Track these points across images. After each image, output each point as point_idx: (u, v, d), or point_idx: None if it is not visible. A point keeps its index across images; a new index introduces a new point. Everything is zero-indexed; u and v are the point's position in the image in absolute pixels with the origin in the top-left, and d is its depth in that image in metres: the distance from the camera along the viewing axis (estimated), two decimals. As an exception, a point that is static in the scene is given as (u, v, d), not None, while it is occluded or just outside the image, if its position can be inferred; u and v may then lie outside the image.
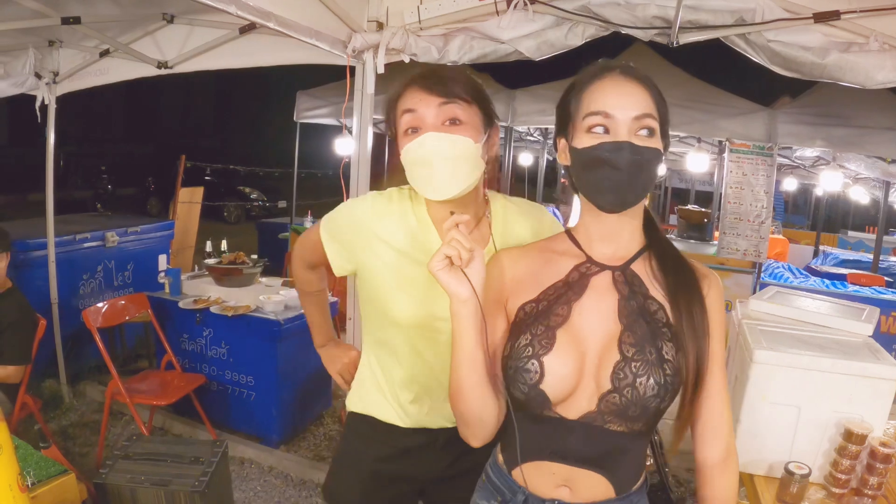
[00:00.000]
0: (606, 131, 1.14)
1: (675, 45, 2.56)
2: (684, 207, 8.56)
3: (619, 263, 1.23)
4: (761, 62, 2.47)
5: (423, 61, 2.86)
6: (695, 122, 5.35)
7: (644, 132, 1.14)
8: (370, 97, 3.01)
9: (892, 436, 1.91)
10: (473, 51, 2.78)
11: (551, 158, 13.23)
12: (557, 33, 2.69)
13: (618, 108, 1.13)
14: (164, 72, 3.61)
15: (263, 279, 4.46)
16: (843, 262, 9.45)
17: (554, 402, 1.16)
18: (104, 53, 3.79)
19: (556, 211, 12.34)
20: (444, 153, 1.36)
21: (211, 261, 4.35)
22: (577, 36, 2.68)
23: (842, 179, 7.98)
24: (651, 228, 1.27)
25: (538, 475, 1.22)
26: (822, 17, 2.33)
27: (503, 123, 6.46)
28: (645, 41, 2.65)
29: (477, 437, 1.26)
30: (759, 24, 2.36)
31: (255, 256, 4.50)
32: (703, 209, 8.49)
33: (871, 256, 9.04)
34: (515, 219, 1.57)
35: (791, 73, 2.43)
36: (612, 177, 1.13)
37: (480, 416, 1.22)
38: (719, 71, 6.42)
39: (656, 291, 1.21)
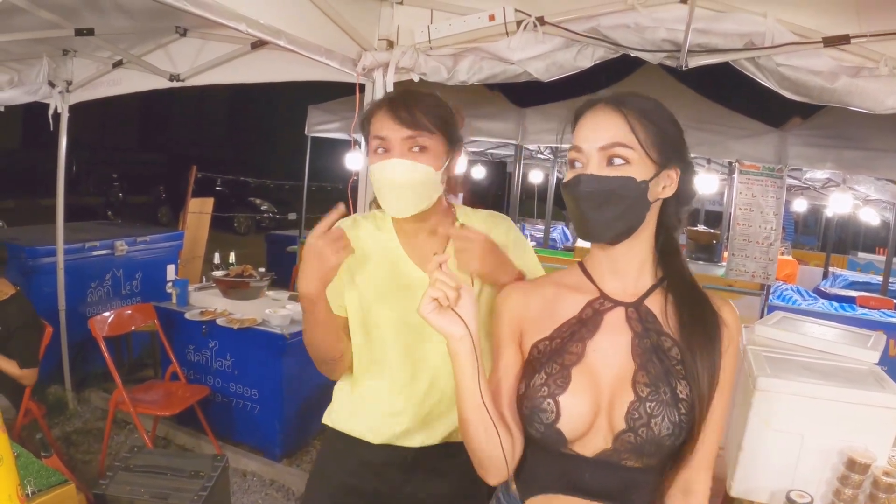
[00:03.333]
0: (580, 165, 1.15)
1: (684, 68, 2.57)
2: (693, 228, 8.53)
3: (632, 299, 1.22)
4: (770, 86, 2.47)
5: (433, 81, 2.86)
6: (704, 144, 5.35)
7: (617, 161, 1.13)
8: None
9: (896, 466, 1.89)
10: (483, 71, 2.78)
11: (561, 176, 13.25)
12: (567, 55, 2.69)
13: (587, 140, 1.15)
14: (176, 84, 3.65)
15: (270, 292, 4.47)
16: (853, 285, 9.38)
17: (570, 440, 1.16)
18: (117, 64, 3.84)
19: (567, 229, 12.37)
20: (405, 180, 1.50)
21: (218, 273, 4.37)
22: (586, 58, 2.68)
23: (851, 201, 7.96)
24: (669, 259, 1.25)
25: None
26: (831, 42, 2.33)
27: (513, 141, 6.50)
28: (654, 63, 2.65)
29: (490, 474, 1.24)
30: (769, 49, 2.36)
31: (262, 269, 4.51)
32: (712, 230, 8.46)
33: (880, 278, 8.97)
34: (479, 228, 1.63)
35: (800, 97, 2.43)
36: (576, 210, 1.16)
37: (487, 452, 1.19)
38: (729, 91, 6.41)
39: (670, 328, 1.19)
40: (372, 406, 1.69)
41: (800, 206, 11.09)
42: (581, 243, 7.64)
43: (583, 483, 1.18)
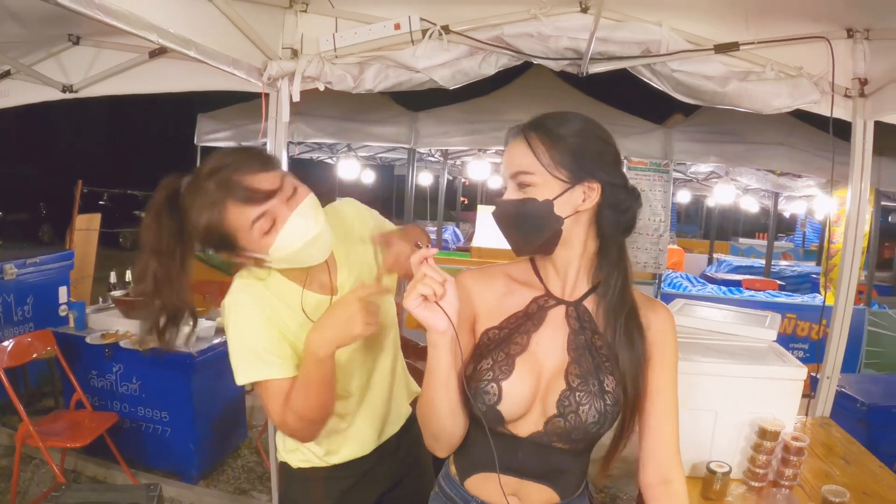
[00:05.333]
0: (506, 192, 1.29)
1: (584, 75, 2.71)
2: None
3: (573, 299, 1.32)
4: (666, 90, 2.65)
5: (339, 89, 2.87)
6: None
7: (523, 186, 1.24)
8: (284, 125, 2.96)
9: (802, 430, 2.08)
10: (389, 79, 2.81)
11: (451, 178, 13.42)
12: (472, 62, 2.77)
13: (503, 169, 1.29)
14: (69, 96, 3.45)
15: (173, 310, 4.31)
16: (737, 269, 10.05)
17: (507, 420, 1.26)
18: (4, 75, 3.59)
19: (457, 229, 12.53)
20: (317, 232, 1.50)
21: (117, 292, 4.18)
22: (490, 65, 2.78)
23: (734, 192, 8.53)
24: (606, 265, 1.32)
25: (489, 486, 1.33)
26: (722, 49, 2.53)
27: (406, 146, 6.56)
28: (556, 70, 2.77)
29: (445, 449, 1.34)
30: (664, 56, 2.53)
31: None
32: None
33: (762, 262, 9.65)
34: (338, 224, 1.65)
35: (694, 100, 2.62)
36: (499, 228, 1.31)
37: (452, 431, 1.29)
38: (615, 92, 6.72)
39: (603, 327, 1.30)
40: (355, 428, 1.73)
41: (683, 197, 11.76)
42: (477, 243, 7.81)
43: (515, 462, 1.30)
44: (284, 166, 3.02)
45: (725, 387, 1.97)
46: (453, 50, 2.75)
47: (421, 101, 6.18)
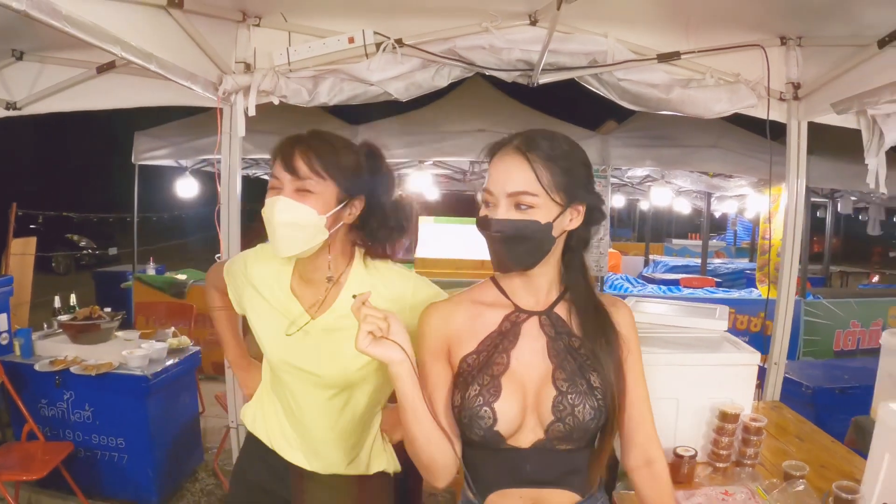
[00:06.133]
0: (491, 206, 1.29)
1: (535, 85, 2.81)
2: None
3: (542, 309, 1.38)
4: (613, 98, 2.77)
5: (294, 103, 2.88)
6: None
7: (523, 206, 1.26)
8: (239, 140, 2.96)
9: (760, 411, 2.21)
10: (344, 92, 2.84)
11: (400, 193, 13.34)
12: (425, 75, 2.83)
13: (497, 185, 1.28)
14: (13, 113, 3.35)
15: (119, 333, 4.20)
16: (673, 269, 10.37)
17: (506, 437, 1.30)
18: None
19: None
20: (285, 219, 1.51)
21: (64, 317, 4.06)
22: (443, 77, 2.85)
23: (671, 195, 8.81)
24: (573, 274, 1.40)
25: (509, 501, 1.35)
26: (664, 58, 2.68)
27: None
28: (508, 81, 2.86)
29: (439, 478, 1.35)
30: (610, 66, 2.65)
31: (108, 309, 4.24)
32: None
33: (696, 261, 9.98)
34: (374, 287, 1.56)
35: (639, 107, 2.76)
36: (491, 245, 1.31)
37: (437, 459, 1.32)
38: (546, 100, 6.90)
39: (577, 329, 1.37)
40: (272, 421, 1.77)
41: (617, 202, 12.06)
42: (421, 254, 7.87)
43: (525, 473, 1.33)
44: (238, 182, 3.01)
45: (685, 375, 2.08)
46: (407, 63, 2.80)
47: (359, 114, 6.18)
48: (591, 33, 2.67)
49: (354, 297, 1.27)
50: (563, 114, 6.40)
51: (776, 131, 2.91)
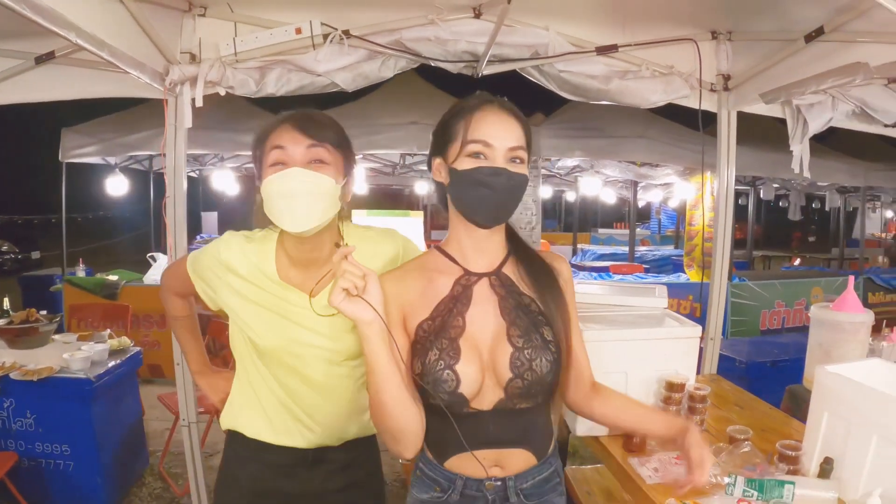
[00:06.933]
0: (485, 158, 1.33)
1: (479, 76, 2.89)
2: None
3: (491, 270, 1.44)
4: (553, 89, 2.88)
5: (241, 94, 2.86)
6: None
7: (516, 161, 1.35)
8: (185, 132, 2.90)
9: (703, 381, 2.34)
10: (291, 83, 2.84)
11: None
12: (372, 66, 2.86)
13: (496, 138, 1.32)
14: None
15: (56, 336, 4.09)
16: (602, 257, 10.70)
17: (469, 399, 1.34)
18: None
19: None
20: (307, 189, 1.48)
21: (0, 321, 3.92)
22: (389, 68, 2.88)
23: (600, 184, 9.06)
24: (512, 236, 1.50)
25: (470, 463, 1.39)
26: (603, 50, 2.80)
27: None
28: (453, 72, 2.93)
29: (408, 448, 1.35)
30: (551, 57, 2.76)
31: (44, 312, 4.12)
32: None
33: (623, 249, 10.30)
34: (368, 248, 1.63)
35: (579, 97, 2.88)
36: (489, 197, 1.33)
37: (405, 427, 1.32)
38: (472, 92, 6.94)
39: (526, 287, 1.44)
40: (274, 413, 1.70)
41: (543, 193, 12.31)
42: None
43: (488, 435, 1.37)
44: (184, 174, 2.98)
45: (632, 350, 2.20)
46: (353, 54, 2.82)
47: (287, 108, 6.08)
48: (533, 26, 2.77)
49: (338, 245, 1.26)
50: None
51: (704, 122, 3.06)
